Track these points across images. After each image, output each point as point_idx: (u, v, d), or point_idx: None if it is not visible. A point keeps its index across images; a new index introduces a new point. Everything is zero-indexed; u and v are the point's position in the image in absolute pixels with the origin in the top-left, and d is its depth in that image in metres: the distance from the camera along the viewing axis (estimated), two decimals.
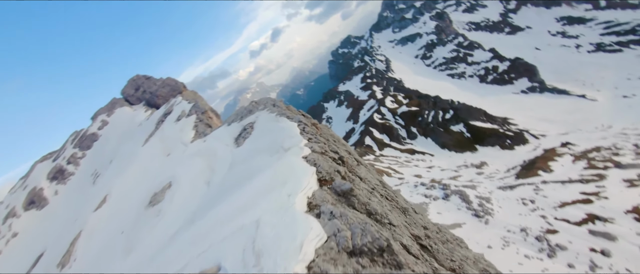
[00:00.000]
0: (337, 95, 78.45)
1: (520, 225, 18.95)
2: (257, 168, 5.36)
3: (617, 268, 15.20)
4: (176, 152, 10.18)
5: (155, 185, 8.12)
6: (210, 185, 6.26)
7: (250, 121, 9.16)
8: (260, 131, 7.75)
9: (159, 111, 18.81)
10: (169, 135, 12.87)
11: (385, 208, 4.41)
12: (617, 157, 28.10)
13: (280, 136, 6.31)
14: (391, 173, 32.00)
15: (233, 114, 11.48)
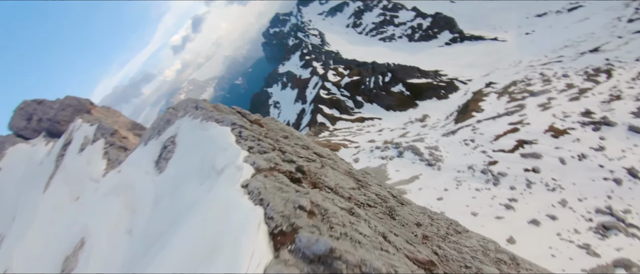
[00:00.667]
0: (279, 77, 76.38)
1: (467, 164, 21.10)
2: (186, 206, 3.88)
3: (546, 180, 17.99)
4: (86, 194, 7.90)
5: (65, 245, 6.06)
6: (133, 234, 4.65)
7: (170, 134, 7.23)
8: (185, 147, 6.14)
9: (58, 142, 14.96)
10: (74, 172, 10.12)
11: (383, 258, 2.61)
12: (530, 87, 32.70)
13: (210, 149, 4.93)
14: (347, 144, 32.73)
15: (149, 129, 9.19)
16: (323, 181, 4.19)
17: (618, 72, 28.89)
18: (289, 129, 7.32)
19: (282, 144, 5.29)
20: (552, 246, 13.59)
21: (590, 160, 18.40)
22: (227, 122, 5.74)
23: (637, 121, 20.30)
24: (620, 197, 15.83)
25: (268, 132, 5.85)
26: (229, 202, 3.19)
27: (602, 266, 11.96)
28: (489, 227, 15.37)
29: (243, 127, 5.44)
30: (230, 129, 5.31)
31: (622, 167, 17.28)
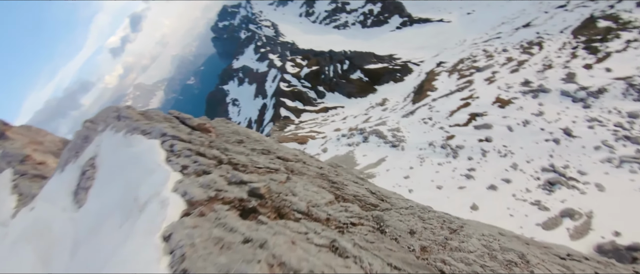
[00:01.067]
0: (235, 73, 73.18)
1: (427, 141, 22.19)
2: (102, 262, 2.66)
3: (498, 148, 19.60)
4: None
5: None
6: None
7: (89, 155, 5.73)
8: (107, 171, 4.86)
9: None
10: None
11: None
12: (476, 63, 35.23)
13: (134, 173, 3.80)
14: (315, 135, 32.57)
15: (65, 150, 7.21)
16: (290, 202, 3.07)
17: (547, 44, 32.31)
18: (244, 130, 6.15)
19: (233, 154, 4.12)
20: (510, 207, 14.91)
21: (533, 125, 20.43)
22: (156, 134, 4.36)
23: (566, 86, 22.93)
24: (560, 155, 17.84)
25: (214, 140, 4.58)
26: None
27: (552, 218, 13.40)
28: (454, 198, 16.40)
29: (177, 139, 4.12)
30: (159, 143, 4.01)
31: (559, 128, 19.47)
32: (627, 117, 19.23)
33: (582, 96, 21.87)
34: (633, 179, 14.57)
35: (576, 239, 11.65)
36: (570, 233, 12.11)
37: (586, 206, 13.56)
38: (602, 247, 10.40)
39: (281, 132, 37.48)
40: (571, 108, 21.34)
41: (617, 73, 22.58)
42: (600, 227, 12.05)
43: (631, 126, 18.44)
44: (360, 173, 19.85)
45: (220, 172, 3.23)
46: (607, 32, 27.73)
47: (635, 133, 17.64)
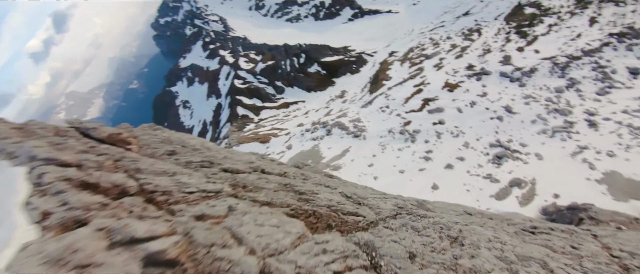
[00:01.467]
0: (183, 73, 68.25)
1: (387, 128, 22.91)
2: None
3: (451, 129, 20.92)
4: None
5: None
6: None
7: None
8: None
9: None
10: None
11: None
12: (424, 51, 37.22)
13: None
14: (277, 133, 31.76)
15: None
16: (230, 261, 1.78)
17: (485, 30, 35.32)
18: (178, 137, 4.74)
19: (149, 177, 2.66)
20: (466, 183, 16.01)
21: (479, 105, 22.19)
22: (23, 157, 2.67)
23: (504, 68, 25.29)
24: (504, 130, 19.64)
25: (124, 158, 3.01)
26: None
27: (502, 188, 14.67)
28: (416, 180, 17.15)
29: (53, 163, 2.46)
30: (25, 172, 2.45)
31: (501, 107, 21.41)
32: (555, 92, 21.87)
33: (517, 76, 24.32)
34: (564, 146, 16.59)
35: (525, 205, 12.88)
36: (519, 200, 13.36)
37: (530, 174, 15.11)
38: (547, 209, 11.62)
39: (240, 132, 35.94)
40: (509, 87, 23.62)
41: (544, 54, 25.53)
42: (543, 191, 13.50)
43: (558, 99, 21.01)
44: (327, 165, 19.79)
45: (104, 221, 1.73)
46: (533, 18, 31.16)
47: (562, 106, 20.13)
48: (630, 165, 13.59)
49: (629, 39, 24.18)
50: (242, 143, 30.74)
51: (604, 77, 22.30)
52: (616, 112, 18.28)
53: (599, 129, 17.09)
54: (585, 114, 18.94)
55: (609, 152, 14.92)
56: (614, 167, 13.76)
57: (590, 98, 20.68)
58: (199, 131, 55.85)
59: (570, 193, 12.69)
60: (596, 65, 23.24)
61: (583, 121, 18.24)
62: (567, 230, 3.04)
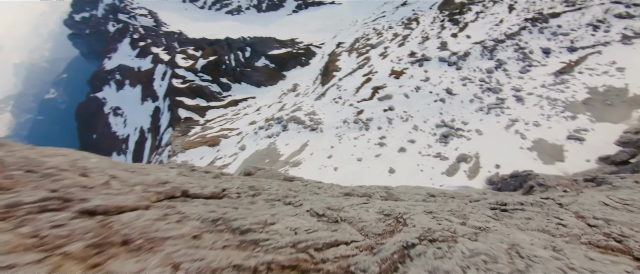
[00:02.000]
0: (109, 76, 60.30)
1: (342, 119, 23.13)
2: None
3: (400, 114, 21.90)
4: None
5: None
6: None
7: None
8: None
9: None
10: None
11: None
12: (369, 41, 38.42)
13: None
14: (227, 134, 29.93)
15: None
16: None
17: (422, 19, 37.71)
18: (31, 158, 2.38)
19: None
20: (419, 163, 16.90)
21: (423, 90, 23.62)
22: None
23: (442, 53, 27.29)
24: (447, 111, 21.21)
25: None
26: None
27: (451, 165, 15.78)
28: (373, 166, 17.61)
29: None
30: None
31: (442, 89, 23.08)
32: (486, 73, 24.31)
33: (454, 60, 26.46)
34: (498, 121, 18.50)
35: (472, 178, 14.01)
36: (467, 174, 14.49)
37: (473, 149, 16.53)
38: (491, 179, 12.78)
39: (185, 137, 33.12)
40: (448, 71, 25.61)
41: (474, 39, 28.18)
42: (486, 163, 14.85)
43: (490, 79, 23.38)
44: (286, 162, 19.19)
45: None
46: (462, 7, 34.14)
47: (493, 85, 22.45)
48: (552, 132, 15.68)
49: (539, 23, 27.97)
50: (188, 149, 28.36)
51: (524, 57, 25.50)
52: (536, 87, 21.01)
53: (525, 103, 19.43)
54: (512, 90, 21.40)
55: (534, 122, 17.04)
56: (540, 135, 15.75)
57: (515, 76, 23.46)
58: (136, 139, 50.20)
59: (509, 162, 14.17)
60: (517, 47, 26.44)
61: (512, 97, 20.57)
62: (535, 203, 3.07)
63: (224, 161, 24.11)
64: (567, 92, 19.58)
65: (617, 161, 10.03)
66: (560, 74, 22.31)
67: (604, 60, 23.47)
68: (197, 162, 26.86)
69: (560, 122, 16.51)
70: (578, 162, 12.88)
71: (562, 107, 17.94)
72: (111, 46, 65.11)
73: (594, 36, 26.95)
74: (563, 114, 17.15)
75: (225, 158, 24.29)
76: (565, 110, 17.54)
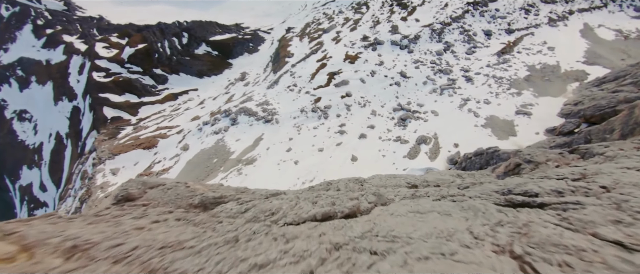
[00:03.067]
0: (8, 72, 50.10)
1: (299, 108, 22.11)
2: None
3: (358, 100, 21.65)
4: None
5: None
6: None
7: None
8: None
9: None
10: None
11: None
12: (321, 26, 37.62)
13: None
14: (166, 133, 26.80)
15: None
16: None
17: (371, 3, 38.00)
18: None
19: None
20: (380, 148, 16.77)
21: (378, 74, 23.69)
22: None
23: (393, 36, 27.69)
24: (402, 94, 21.52)
25: None
26: None
27: (412, 147, 15.90)
28: (335, 155, 17.04)
29: None
30: None
31: (397, 73, 23.40)
32: (436, 55, 25.28)
33: (405, 43, 27.04)
34: (452, 100, 19.24)
35: (433, 159, 14.21)
36: (428, 155, 14.68)
37: (431, 130, 16.90)
38: (453, 158, 13.03)
39: (114, 140, 28.95)
40: (401, 55, 26.09)
41: (423, 22, 29.14)
42: (445, 143, 15.22)
43: (440, 61, 24.34)
44: (238, 160, 17.59)
45: None
46: None
47: (444, 66, 23.38)
48: (502, 108, 16.71)
49: (480, 7, 29.98)
50: (118, 154, 24.77)
51: (469, 39, 27.13)
52: (483, 67, 22.39)
53: (474, 83, 20.53)
54: (461, 71, 22.54)
55: (485, 100, 18.02)
56: (492, 112, 16.67)
57: (463, 57, 24.80)
58: (52, 148, 42.88)
59: (466, 140, 14.68)
60: (462, 30, 28.01)
61: (461, 78, 21.62)
62: (552, 192, 2.49)
63: (163, 164, 21.48)
64: (510, 70, 21.19)
65: (565, 132, 10.68)
66: (502, 54, 24.18)
67: (537, 41, 26.09)
68: (131, 169, 23.72)
69: (508, 98, 17.71)
70: (529, 136, 13.81)
71: (507, 84, 19.31)
72: (7, 35, 54.03)
73: (527, 19, 29.85)
74: (509, 91, 18.45)
75: (165, 162, 21.67)
76: (510, 87, 18.90)
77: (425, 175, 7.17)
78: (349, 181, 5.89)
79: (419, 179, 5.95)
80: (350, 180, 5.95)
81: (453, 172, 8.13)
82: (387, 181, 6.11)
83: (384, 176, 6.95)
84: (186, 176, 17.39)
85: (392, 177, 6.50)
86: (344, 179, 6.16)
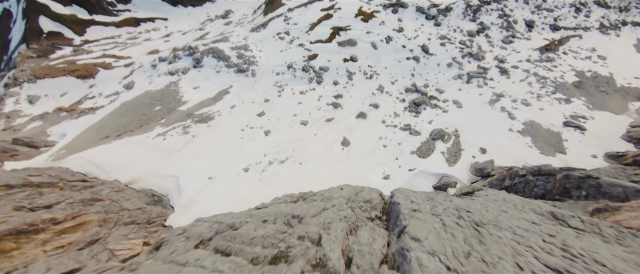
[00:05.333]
0: None
1: (286, 62, 18.46)
2: None
3: (364, 68, 18.23)
4: None
5: None
6: None
7: None
8: None
9: None
10: None
11: None
12: None
13: None
14: (111, 63, 22.42)
15: None
16: None
17: None
18: None
19: None
20: (382, 136, 13.68)
21: (395, 42, 20.18)
22: None
23: (421, 2, 23.94)
24: (420, 73, 18.27)
25: None
26: None
27: (425, 142, 12.89)
28: (322, 134, 13.83)
29: None
30: None
31: (418, 45, 19.98)
32: (468, 36, 21.95)
33: (433, 13, 23.43)
34: (481, 93, 16.21)
35: (453, 164, 11.27)
36: (445, 157, 11.72)
37: (451, 124, 13.90)
38: (482, 168, 10.08)
39: (44, 59, 24.18)
40: (425, 25, 22.55)
41: None
42: (468, 145, 12.27)
43: (471, 43, 21.07)
44: (189, 114, 13.94)
45: None
46: None
47: (475, 50, 20.15)
48: (545, 115, 13.85)
49: None
50: (42, 77, 20.36)
51: (508, 26, 23.88)
52: (522, 61, 19.36)
53: (510, 77, 17.52)
54: (496, 60, 19.43)
55: (523, 100, 15.10)
56: (532, 117, 13.81)
57: (498, 45, 21.63)
58: None
59: (498, 147, 11.80)
60: (502, 13, 24.65)
61: (495, 68, 18.54)
62: None
63: (95, 101, 17.55)
64: (556, 71, 18.29)
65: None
66: (546, 51, 21.19)
67: (585, 45, 23.23)
68: (55, 100, 19.57)
69: (553, 104, 14.87)
70: (583, 158, 11.06)
71: (552, 86, 16.42)
72: None
73: (576, 18, 26.82)
74: (555, 95, 15.59)
75: (99, 99, 17.71)
76: (556, 91, 16.03)
77: (456, 201, 4.21)
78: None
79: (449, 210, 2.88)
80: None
81: (535, 211, 4.93)
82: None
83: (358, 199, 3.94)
84: (114, 122, 13.63)
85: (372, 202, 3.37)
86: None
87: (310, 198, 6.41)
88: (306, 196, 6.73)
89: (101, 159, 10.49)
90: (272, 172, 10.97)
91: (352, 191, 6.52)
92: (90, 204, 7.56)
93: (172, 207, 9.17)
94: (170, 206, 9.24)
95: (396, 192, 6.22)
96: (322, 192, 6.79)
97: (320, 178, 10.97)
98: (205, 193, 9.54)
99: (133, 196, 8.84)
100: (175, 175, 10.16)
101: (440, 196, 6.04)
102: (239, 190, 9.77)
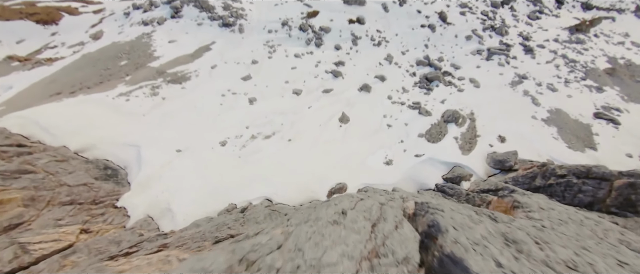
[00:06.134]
0: None
1: (280, 18, 16.65)
2: None
3: (371, 33, 16.54)
4: None
5: None
6: None
7: None
8: None
9: None
10: None
11: None
12: None
13: None
14: (78, 8, 20.17)
15: None
16: None
17: None
18: None
19: None
20: (387, 113, 12.39)
21: (410, 5, 18.37)
22: None
23: None
24: (434, 44, 16.68)
25: None
26: None
27: (435, 124, 11.65)
28: (317, 106, 12.45)
29: None
30: None
31: (435, 12, 18.20)
32: (491, 7, 20.16)
33: None
34: (502, 72, 14.82)
35: (467, 152, 10.10)
36: (459, 143, 10.53)
37: (466, 105, 12.62)
38: (501, 161, 8.92)
39: None
40: None
41: None
42: (485, 132, 11.08)
43: (494, 15, 19.33)
44: (161, 72, 12.30)
45: None
46: None
47: (498, 24, 18.49)
48: (573, 103, 12.65)
49: None
50: None
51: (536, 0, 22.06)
52: (549, 40, 17.87)
53: (535, 57, 16.11)
54: (520, 37, 17.90)
55: (549, 85, 13.82)
56: (558, 104, 12.61)
57: (523, 20, 19.98)
58: None
59: (520, 136, 10.65)
60: None
61: (519, 45, 17.06)
62: None
63: (57, 52, 15.71)
64: (586, 55, 16.90)
65: None
66: (576, 31, 19.63)
67: (618, 29, 21.68)
68: (9, 47, 17.62)
69: (583, 91, 13.62)
70: (616, 156, 9.99)
71: (581, 72, 15.10)
72: None
73: None
74: (585, 82, 14.31)
75: (61, 49, 15.86)
76: (586, 77, 14.73)
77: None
78: None
79: None
80: None
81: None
82: None
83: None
84: (69, 76, 11.96)
85: None
86: None
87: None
88: None
89: (48, 119, 9.01)
90: (255, 149, 9.65)
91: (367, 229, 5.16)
92: (15, 177, 6.18)
93: (128, 183, 7.89)
94: (127, 182, 7.95)
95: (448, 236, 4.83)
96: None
97: (311, 159, 9.73)
98: (171, 168, 8.23)
99: (79, 168, 7.47)
100: (137, 144, 8.78)
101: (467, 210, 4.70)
102: (212, 167, 8.48)
